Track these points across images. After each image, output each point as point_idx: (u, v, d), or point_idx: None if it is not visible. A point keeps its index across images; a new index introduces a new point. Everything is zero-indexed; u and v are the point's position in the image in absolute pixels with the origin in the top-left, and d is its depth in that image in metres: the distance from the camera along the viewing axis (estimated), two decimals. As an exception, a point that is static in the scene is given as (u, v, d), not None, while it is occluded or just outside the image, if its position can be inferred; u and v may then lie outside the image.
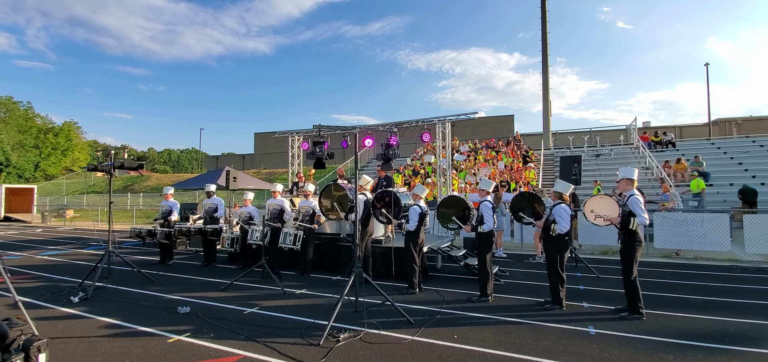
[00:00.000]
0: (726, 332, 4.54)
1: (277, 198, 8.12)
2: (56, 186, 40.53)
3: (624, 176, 5.31)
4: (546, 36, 25.17)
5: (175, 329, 4.65)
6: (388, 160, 5.70)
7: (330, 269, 8.08)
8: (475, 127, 31.21)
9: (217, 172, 13.49)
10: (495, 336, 4.40)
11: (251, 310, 5.42)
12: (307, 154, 5.59)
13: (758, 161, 16.95)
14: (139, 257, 10.09)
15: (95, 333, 4.57)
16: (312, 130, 11.48)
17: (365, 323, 4.68)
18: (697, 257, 9.67)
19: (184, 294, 6.32)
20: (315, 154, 5.40)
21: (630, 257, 5.09)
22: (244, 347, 4.11)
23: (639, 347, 4.10)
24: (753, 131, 24.55)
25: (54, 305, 5.69)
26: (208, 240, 8.87)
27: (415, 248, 6.32)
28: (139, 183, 37.44)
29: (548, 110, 25.34)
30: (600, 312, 5.29)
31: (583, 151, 21.14)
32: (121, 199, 29.94)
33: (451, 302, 5.81)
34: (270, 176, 30.07)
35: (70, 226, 21.10)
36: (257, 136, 44.99)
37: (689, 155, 17.83)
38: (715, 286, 6.85)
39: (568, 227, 5.24)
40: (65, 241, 14.07)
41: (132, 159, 7.83)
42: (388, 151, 5.61)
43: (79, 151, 49.94)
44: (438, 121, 9.71)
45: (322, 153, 5.39)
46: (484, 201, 5.76)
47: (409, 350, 4.05)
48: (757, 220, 9.54)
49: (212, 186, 9.37)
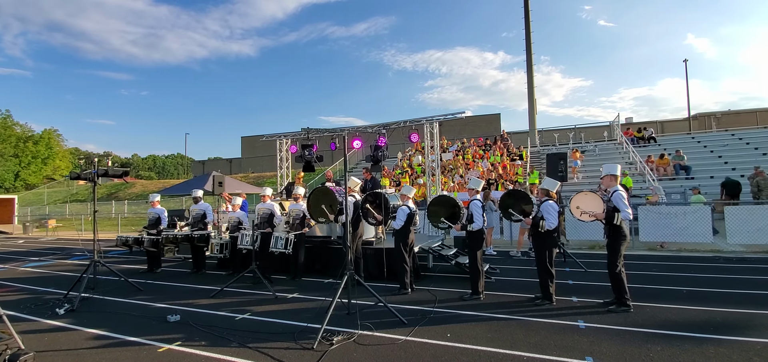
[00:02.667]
0: (712, 322, 4.66)
1: (266, 203, 8.06)
2: (37, 195, 39.51)
3: (607, 172, 5.42)
4: (529, 35, 25.48)
5: (166, 338, 4.58)
6: (377, 161, 5.72)
7: (321, 272, 8.06)
8: (461, 126, 31.29)
9: (204, 177, 13.31)
10: (487, 334, 4.45)
11: (243, 316, 5.37)
12: (296, 157, 5.54)
13: (738, 154, 17.43)
14: (126, 266, 9.91)
15: (83, 345, 4.47)
16: (300, 133, 11.42)
17: (359, 324, 4.68)
18: (681, 249, 9.91)
19: (174, 302, 6.23)
20: (304, 157, 5.37)
21: (615, 251, 5.20)
22: (236, 354, 4.07)
23: (627, 339, 4.19)
24: (731, 125, 25.28)
25: (39, 317, 5.55)
26: (196, 246, 8.75)
27: (405, 248, 6.34)
28: (123, 190, 36.75)
29: (534, 108, 25.64)
30: (589, 306, 5.38)
31: (568, 148, 21.45)
32: (105, 207, 29.33)
33: (444, 301, 5.84)
34: (258, 180, 29.79)
35: (53, 236, 20.59)
36: (244, 139, 44.49)
37: (671, 149, 18.26)
38: (700, 277, 7.03)
39: (556, 223, 5.32)
40: (48, 252, 13.73)
41: (116, 166, 7.69)
42: (377, 152, 5.62)
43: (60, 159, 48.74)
44: (426, 121, 9.75)
45: (312, 156, 5.37)
46: (474, 199, 5.81)
47: (402, 350, 4.06)
48: (738, 212, 9.81)
49: (199, 191, 9.25)
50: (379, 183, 8.83)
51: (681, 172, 16.38)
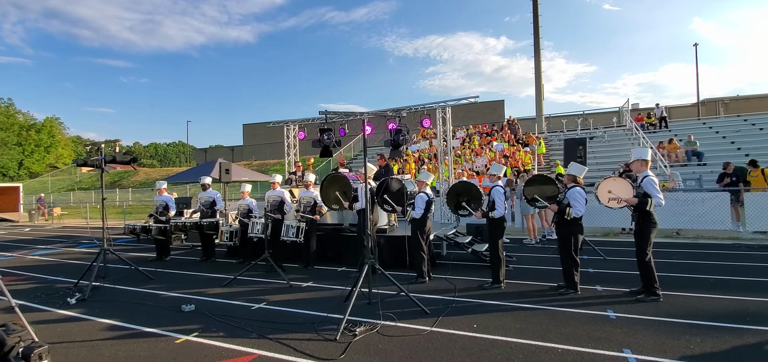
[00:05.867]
0: (746, 311, 4.49)
1: (276, 190, 7.88)
2: (41, 183, 39.48)
3: (638, 157, 5.21)
4: (538, 18, 25.01)
5: (182, 329, 4.44)
6: (397, 145, 5.50)
7: (334, 260, 7.91)
8: (466, 112, 31.05)
9: (210, 165, 13.13)
10: (515, 324, 4.29)
11: (259, 306, 5.23)
12: (314, 142, 5.33)
13: (750, 139, 17.13)
14: (135, 254, 9.79)
15: (97, 336, 4.34)
16: (308, 119, 11.21)
17: (380, 315, 4.52)
18: (698, 236, 9.73)
19: (187, 291, 6.10)
20: (322, 142, 5.15)
21: (645, 238, 5.02)
22: (257, 345, 3.93)
23: (662, 330, 4.03)
24: (740, 110, 24.86)
25: (50, 307, 5.43)
26: (205, 234, 8.60)
27: (422, 236, 6.17)
28: (127, 178, 36.70)
29: (541, 93, 25.29)
30: (615, 295, 5.22)
31: (576, 134, 21.16)
32: (110, 195, 29.25)
33: (463, 290, 5.69)
34: (262, 167, 29.64)
35: (59, 224, 20.55)
36: (246, 127, 44.32)
37: (681, 135, 17.96)
38: (724, 265, 6.86)
39: (583, 210, 5.13)
40: (55, 240, 13.65)
41: (123, 153, 7.51)
42: (397, 136, 5.40)
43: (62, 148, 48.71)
44: (438, 107, 9.52)
45: (331, 140, 5.16)
46: (496, 186, 5.61)
47: (429, 342, 3.91)
48: (758, 198, 9.58)
49: (208, 178, 9.08)
50: (392, 171, 8.64)
51: (693, 158, 16.10)
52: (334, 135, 5.20)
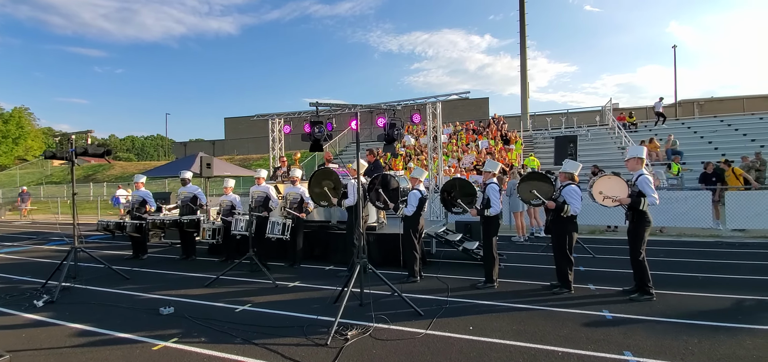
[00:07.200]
0: (740, 309, 4.50)
1: (261, 185, 7.58)
2: (9, 177, 37.67)
3: (633, 155, 5.17)
4: (524, 16, 25.13)
5: (160, 334, 4.15)
6: (391, 140, 5.30)
7: (321, 258, 7.67)
8: (451, 109, 31.07)
9: (190, 159, 12.63)
10: (512, 326, 4.16)
11: (243, 308, 4.96)
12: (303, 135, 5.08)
13: (727, 140, 17.62)
14: (109, 252, 9.32)
15: (66, 343, 4.00)
16: (294, 113, 10.89)
17: (373, 317, 4.33)
18: (680, 234, 9.88)
19: (165, 292, 5.77)
20: (313, 136, 4.90)
21: (638, 237, 4.99)
22: (242, 351, 3.68)
23: (659, 330, 3.97)
24: (715, 111, 25.63)
25: (14, 310, 5.03)
26: (185, 231, 8.22)
27: (415, 234, 6.00)
28: (101, 172, 35.35)
29: (526, 91, 25.46)
30: (609, 295, 5.17)
31: (561, 132, 21.38)
32: (83, 190, 28.09)
33: (456, 289, 5.55)
34: (244, 162, 28.99)
35: (28, 220, 19.59)
36: (228, 120, 43.21)
37: (661, 135, 18.33)
38: (709, 263, 6.94)
39: (580, 208, 5.05)
40: (23, 236, 12.93)
41: (96, 145, 7.02)
42: (392, 130, 5.20)
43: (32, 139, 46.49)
44: (428, 102, 9.36)
45: (322, 134, 4.92)
46: (491, 183, 5.48)
47: (425, 345, 3.74)
48: (737, 197, 9.79)
49: (188, 173, 8.69)
50: (382, 167, 8.43)
51: (673, 157, 16.43)
52: (324, 128, 4.93)
